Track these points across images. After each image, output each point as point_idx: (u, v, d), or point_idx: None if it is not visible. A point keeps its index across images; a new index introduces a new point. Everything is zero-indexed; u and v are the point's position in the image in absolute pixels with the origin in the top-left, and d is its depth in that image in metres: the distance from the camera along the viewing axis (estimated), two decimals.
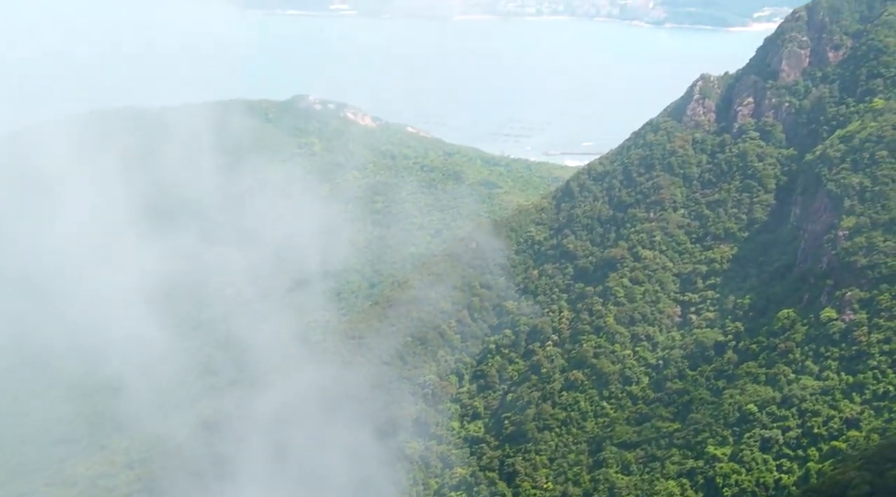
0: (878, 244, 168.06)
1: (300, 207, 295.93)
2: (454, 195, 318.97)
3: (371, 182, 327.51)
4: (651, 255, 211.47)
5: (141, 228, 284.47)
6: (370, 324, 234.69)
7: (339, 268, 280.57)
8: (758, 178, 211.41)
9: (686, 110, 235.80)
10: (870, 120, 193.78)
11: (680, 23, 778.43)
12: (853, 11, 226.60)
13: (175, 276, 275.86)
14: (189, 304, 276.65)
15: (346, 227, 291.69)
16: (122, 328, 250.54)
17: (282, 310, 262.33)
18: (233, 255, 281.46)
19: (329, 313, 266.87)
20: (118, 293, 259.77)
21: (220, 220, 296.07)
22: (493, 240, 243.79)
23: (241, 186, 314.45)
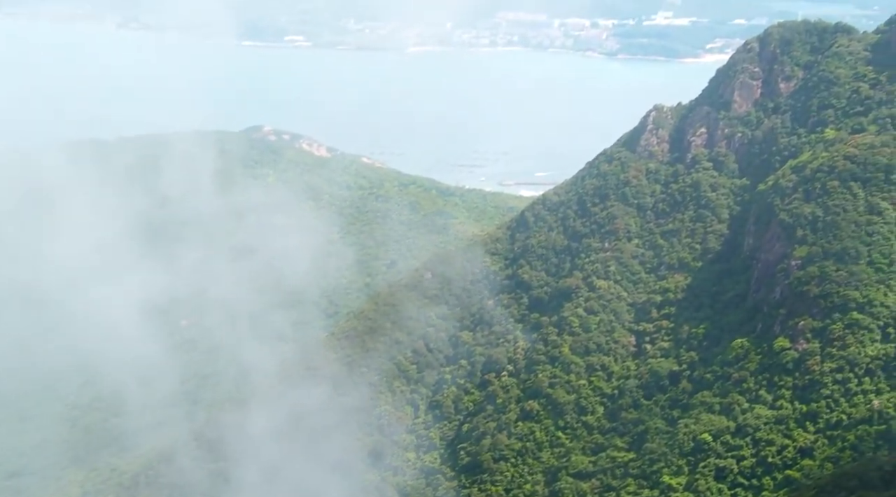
0: (831, 274, 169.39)
1: (253, 240, 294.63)
2: (409, 226, 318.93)
3: (325, 213, 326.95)
4: (606, 284, 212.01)
5: (87, 262, 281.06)
6: (325, 355, 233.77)
7: (294, 299, 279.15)
8: (711, 207, 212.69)
9: (640, 140, 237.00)
10: (821, 150, 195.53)
11: (633, 54, 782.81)
12: (804, 43, 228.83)
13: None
14: (141, 335, 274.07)
15: (301, 259, 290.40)
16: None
17: (237, 342, 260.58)
18: (179, 289, 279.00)
19: (284, 345, 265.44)
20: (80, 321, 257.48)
21: (170, 251, 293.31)
22: (448, 270, 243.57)
23: (193, 217, 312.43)
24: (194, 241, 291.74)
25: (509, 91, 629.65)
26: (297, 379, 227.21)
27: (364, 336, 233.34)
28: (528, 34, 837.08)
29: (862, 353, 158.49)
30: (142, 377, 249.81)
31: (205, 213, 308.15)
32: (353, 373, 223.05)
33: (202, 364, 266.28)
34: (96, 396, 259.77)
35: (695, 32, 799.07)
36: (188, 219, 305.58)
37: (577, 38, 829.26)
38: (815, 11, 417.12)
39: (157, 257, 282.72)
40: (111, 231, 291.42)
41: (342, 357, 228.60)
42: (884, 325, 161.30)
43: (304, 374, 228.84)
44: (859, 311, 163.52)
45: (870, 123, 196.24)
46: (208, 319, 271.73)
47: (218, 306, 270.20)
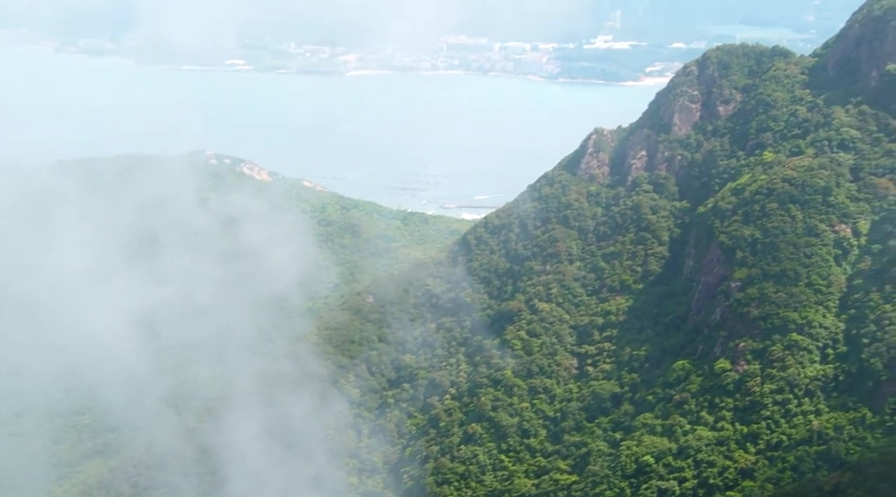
0: (770, 295, 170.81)
1: (191, 265, 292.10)
2: (351, 249, 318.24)
3: (267, 236, 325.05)
4: (548, 307, 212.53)
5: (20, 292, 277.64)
6: (268, 379, 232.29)
7: (235, 324, 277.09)
8: (652, 230, 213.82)
9: (580, 163, 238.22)
10: (760, 173, 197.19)
11: (573, 77, 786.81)
12: (742, 66, 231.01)
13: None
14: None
15: (241, 283, 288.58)
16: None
17: (171, 369, 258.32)
18: (122, 314, 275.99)
19: (224, 369, 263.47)
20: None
21: (108, 276, 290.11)
22: (390, 293, 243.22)
23: (130, 242, 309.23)
24: (132, 267, 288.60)
25: (451, 114, 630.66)
26: (236, 404, 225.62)
27: (306, 360, 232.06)
28: (470, 58, 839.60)
29: (801, 373, 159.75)
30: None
31: (143, 238, 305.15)
32: (295, 397, 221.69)
33: (143, 386, 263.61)
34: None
35: (634, 56, 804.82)
36: (125, 244, 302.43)
37: (518, 61, 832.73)
38: (753, 35, 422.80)
39: (93, 282, 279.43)
40: (40, 256, 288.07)
41: (284, 382, 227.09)
42: (823, 346, 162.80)
43: (243, 399, 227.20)
44: (798, 332, 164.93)
45: (807, 146, 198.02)
46: (165, 340, 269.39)
47: (148, 331, 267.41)
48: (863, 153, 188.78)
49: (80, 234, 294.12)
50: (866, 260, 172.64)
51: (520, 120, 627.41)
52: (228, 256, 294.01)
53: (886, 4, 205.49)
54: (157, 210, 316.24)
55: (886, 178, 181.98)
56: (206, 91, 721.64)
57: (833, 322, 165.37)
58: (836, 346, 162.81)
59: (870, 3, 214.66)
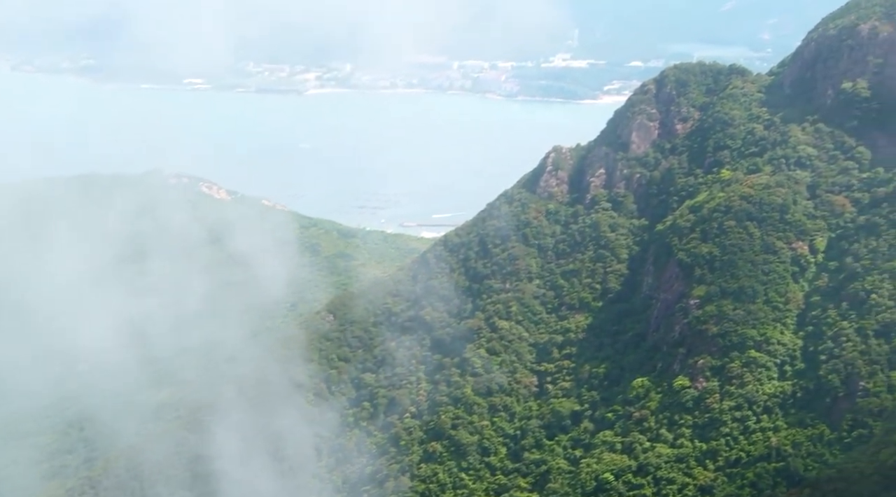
0: (728, 312, 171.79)
1: (150, 284, 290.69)
2: (311, 268, 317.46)
3: (226, 255, 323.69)
4: (507, 325, 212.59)
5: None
6: (227, 398, 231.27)
7: (194, 344, 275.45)
8: (611, 248, 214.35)
9: (539, 181, 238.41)
10: (718, 190, 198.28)
11: (532, 95, 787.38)
12: (699, 84, 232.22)
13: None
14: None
15: (203, 303, 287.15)
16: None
17: (128, 389, 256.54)
18: (77, 337, 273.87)
19: (183, 388, 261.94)
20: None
21: (68, 296, 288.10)
22: (350, 312, 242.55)
23: (90, 261, 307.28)
24: (90, 287, 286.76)
25: (410, 133, 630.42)
26: (197, 424, 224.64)
27: (266, 380, 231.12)
28: (428, 76, 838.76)
29: (760, 390, 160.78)
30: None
31: (102, 257, 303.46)
32: (254, 417, 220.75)
33: (95, 408, 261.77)
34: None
35: (592, 74, 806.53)
36: (82, 263, 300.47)
37: (477, 79, 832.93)
38: (710, 54, 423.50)
39: (55, 304, 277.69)
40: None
41: (244, 401, 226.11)
42: (780, 363, 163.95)
43: (203, 418, 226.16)
44: (757, 349, 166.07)
45: (765, 164, 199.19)
46: (105, 364, 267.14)
47: (111, 351, 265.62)
48: (819, 171, 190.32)
49: (35, 253, 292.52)
50: (823, 277, 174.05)
51: (479, 138, 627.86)
52: (186, 276, 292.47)
53: (841, 24, 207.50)
54: (114, 229, 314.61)
55: (842, 196, 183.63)
56: (164, 110, 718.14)
57: (791, 339, 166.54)
58: (794, 362, 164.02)
59: (825, 22, 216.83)
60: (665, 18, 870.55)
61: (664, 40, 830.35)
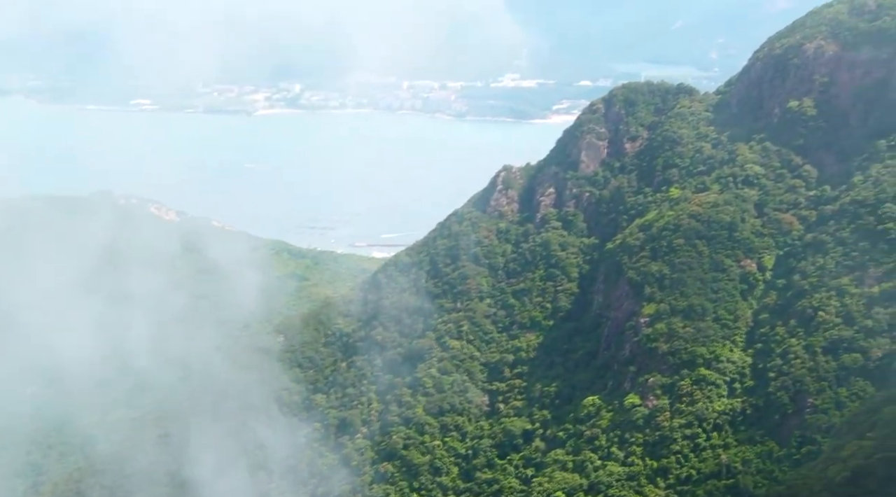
0: (678, 330, 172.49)
1: (99, 307, 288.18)
2: (262, 289, 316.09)
3: (176, 276, 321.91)
4: (459, 344, 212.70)
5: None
6: (178, 419, 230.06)
7: (143, 365, 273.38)
8: (561, 266, 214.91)
9: (490, 201, 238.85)
10: (667, 209, 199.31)
11: (482, 115, 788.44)
12: (648, 103, 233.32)
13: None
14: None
15: (153, 324, 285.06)
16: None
17: (75, 414, 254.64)
18: (22, 358, 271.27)
19: (132, 411, 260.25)
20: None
21: (13, 318, 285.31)
22: (301, 333, 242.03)
23: (42, 283, 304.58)
24: (36, 309, 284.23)
25: (360, 153, 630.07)
26: (145, 446, 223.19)
27: (217, 401, 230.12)
28: (378, 96, 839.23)
29: (710, 408, 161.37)
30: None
31: (51, 278, 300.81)
32: (205, 439, 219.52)
33: (48, 432, 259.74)
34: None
35: (541, 94, 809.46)
36: (33, 284, 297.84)
37: (427, 99, 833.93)
38: (658, 73, 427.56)
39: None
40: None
41: (194, 421, 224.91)
42: (730, 381, 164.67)
43: (153, 440, 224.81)
44: (706, 366, 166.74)
45: (713, 182, 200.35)
46: (48, 389, 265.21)
47: (59, 375, 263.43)
48: (767, 189, 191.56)
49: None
50: (772, 295, 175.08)
51: (429, 158, 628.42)
52: (136, 297, 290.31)
53: (787, 43, 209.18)
54: (62, 251, 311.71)
55: (790, 214, 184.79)
56: (112, 131, 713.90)
57: (740, 356, 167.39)
58: (744, 380, 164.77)
59: (771, 41, 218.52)
60: (613, 38, 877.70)
61: (612, 60, 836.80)
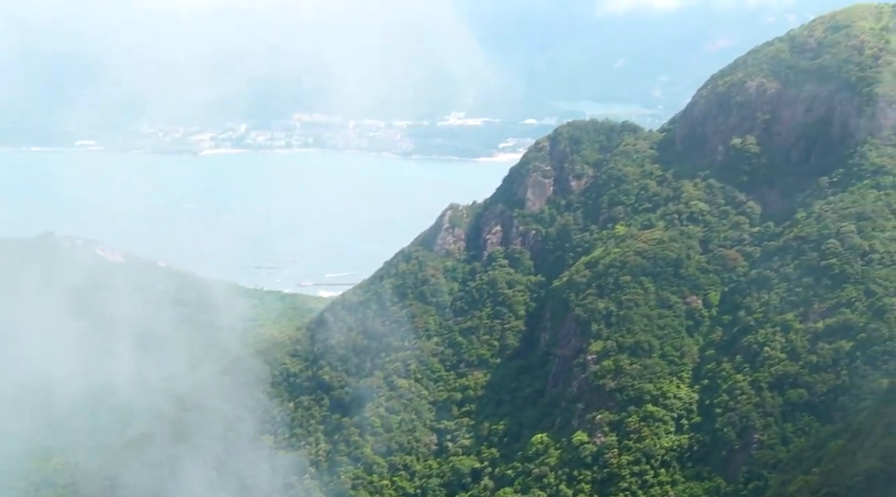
0: (625, 367, 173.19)
1: (48, 347, 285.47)
2: (208, 329, 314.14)
3: (122, 318, 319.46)
4: (406, 383, 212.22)
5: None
6: (124, 462, 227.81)
7: (88, 408, 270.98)
8: (508, 304, 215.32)
9: (436, 239, 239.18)
10: (613, 246, 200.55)
11: (428, 153, 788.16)
12: (593, 141, 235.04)
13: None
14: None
15: (97, 366, 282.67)
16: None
17: (16, 454, 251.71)
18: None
19: (81, 453, 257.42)
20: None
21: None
22: (248, 373, 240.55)
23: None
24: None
25: (306, 192, 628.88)
26: (94, 491, 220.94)
27: (165, 442, 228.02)
28: (324, 135, 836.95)
29: (657, 444, 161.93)
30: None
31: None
32: (153, 480, 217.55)
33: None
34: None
35: (487, 132, 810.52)
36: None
37: (373, 138, 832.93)
38: (602, 111, 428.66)
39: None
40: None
41: (142, 463, 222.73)
42: (677, 417, 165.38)
43: (101, 484, 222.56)
44: (654, 403, 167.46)
45: (658, 219, 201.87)
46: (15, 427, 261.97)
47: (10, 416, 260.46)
48: (711, 226, 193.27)
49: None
50: (717, 331, 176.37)
51: (375, 197, 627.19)
52: (81, 340, 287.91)
53: (729, 81, 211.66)
54: (7, 294, 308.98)
55: (734, 250, 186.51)
56: (56, 172, 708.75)
57: (687, 393, 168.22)
58: (691, 416, 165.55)
59: (713, 79, 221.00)
60: (557, 77, 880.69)
61: (557, 98, 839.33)
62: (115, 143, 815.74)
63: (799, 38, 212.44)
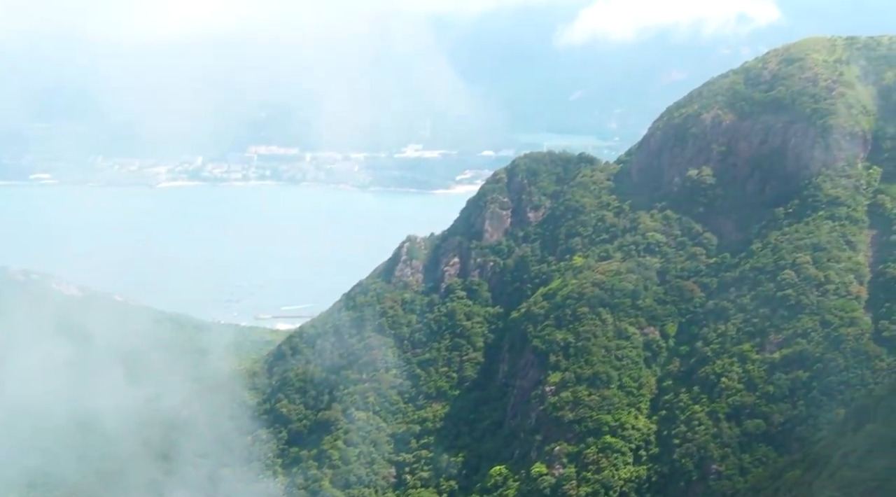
0: (584, 398, 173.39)
1: (4, 383, 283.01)
2: (165, 362, 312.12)
3: (78, 352, 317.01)
4: (365, 416, 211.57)
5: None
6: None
7: (40, 445, 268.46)
8: (466, 336, 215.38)
9: (395, 271, 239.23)
10: (571, 277, 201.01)
11: (386, 186, 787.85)
12: (550, 173, 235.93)
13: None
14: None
15: (57, 401, 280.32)
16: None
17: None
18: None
19: (35, 494, 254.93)
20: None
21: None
22: (205, 407, 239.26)
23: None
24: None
25: (264, 224, 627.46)
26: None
27: (120, 477, 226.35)
28: (281, 168, 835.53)
29: (616, 476, 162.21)
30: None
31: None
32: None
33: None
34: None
35: (445, 164, 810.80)
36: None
37: (330, 171, 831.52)
38: (559, 143, 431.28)
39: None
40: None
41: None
42: (636, 448, 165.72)
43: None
44: (612, 434, 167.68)
45: (615, 250, 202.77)
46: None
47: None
48: (668, 257, 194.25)
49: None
50: (675, 361, 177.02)
51: (333, 229, 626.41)
52: (38, 374, 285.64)
53: (685, 113, 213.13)
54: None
55: (691, 281, 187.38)
56: (10, 206, 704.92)
57: (645, 424, 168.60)
58: (649, 447, 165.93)
59: (669, 111, 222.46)
60: (515, 108, 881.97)
61: (515, 130, 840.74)
62: (71, 176, 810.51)
63: (754, 70, 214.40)
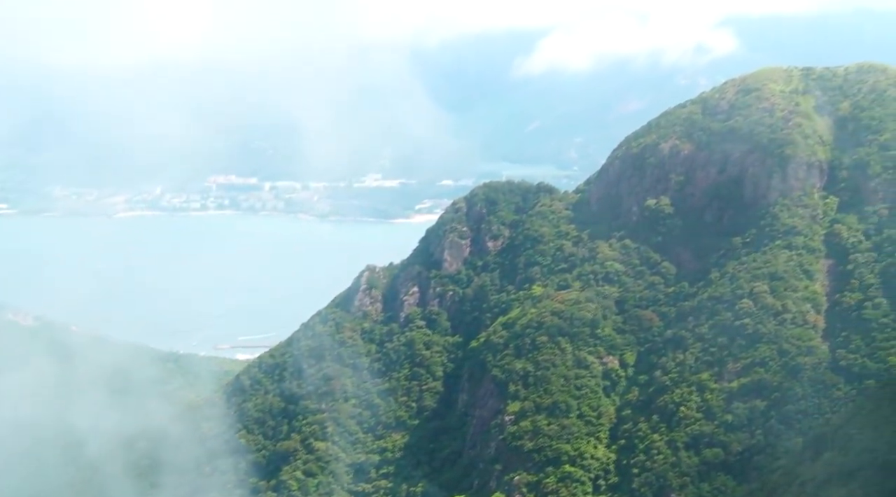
0: (543, 427, 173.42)
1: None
2: (122, 394, 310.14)
3: (33, 383, 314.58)
4: (324, 446, 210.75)
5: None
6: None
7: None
8: (426, 365, 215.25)
9: (354, 301, 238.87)
10: (530, 306, 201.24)
11: (345, 215, 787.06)
12: (509, 202, 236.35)
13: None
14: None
15: (13, 434, 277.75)
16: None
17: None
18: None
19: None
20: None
21: None
22: (162, 438, 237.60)
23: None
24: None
25: (222, 254, 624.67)
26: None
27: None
28: (240, 197, 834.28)
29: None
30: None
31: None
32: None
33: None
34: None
35: (404, 193, 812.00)
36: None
37: (289, 200, 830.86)
38: (518, 172, 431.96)
39: None
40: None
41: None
42: (595, 477, 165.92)
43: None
44: (571, 463, 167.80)
45: (574, 279, 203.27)
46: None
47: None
48: (627, 286, 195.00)
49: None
50: (634, 390, 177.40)
51: (292, 258, 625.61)
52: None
53: (643, 142, 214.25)
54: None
55: (650, 310, 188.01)
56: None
57: (604, 453, 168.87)
58: (608, 476, 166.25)
59: (628, 140, 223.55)
60: (474, 137, 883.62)
61: (474, 159, 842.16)
62: (27, 205, 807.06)
63: (711, 100, 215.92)
